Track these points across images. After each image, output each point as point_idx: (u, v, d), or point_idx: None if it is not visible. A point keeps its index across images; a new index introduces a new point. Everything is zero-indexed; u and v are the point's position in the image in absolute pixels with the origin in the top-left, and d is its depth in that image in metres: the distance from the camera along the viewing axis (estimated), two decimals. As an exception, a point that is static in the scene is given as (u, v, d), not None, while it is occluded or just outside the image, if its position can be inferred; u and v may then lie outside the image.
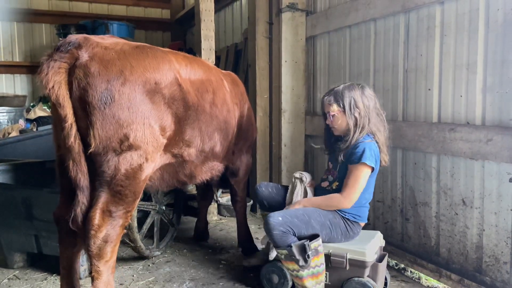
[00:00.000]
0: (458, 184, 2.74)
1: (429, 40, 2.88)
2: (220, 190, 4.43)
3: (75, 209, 2.06)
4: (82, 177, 2.05)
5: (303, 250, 2.42)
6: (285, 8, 4.18)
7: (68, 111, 2.00)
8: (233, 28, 6.54)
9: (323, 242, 2.52)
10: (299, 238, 2.48)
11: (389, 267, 3.20)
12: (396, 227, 3.26)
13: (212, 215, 4.37)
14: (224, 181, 3.36)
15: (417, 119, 3.01)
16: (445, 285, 2.88)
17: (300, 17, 4.25)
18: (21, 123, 6.10)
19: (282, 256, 2.49)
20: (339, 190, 2.60)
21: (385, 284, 2.76)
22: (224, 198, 4.50)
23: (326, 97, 2.65)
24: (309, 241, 2.43)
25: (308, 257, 2.41)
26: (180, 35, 8.48)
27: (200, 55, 4.28)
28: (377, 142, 2.58)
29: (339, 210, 2.60)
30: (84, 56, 2.03)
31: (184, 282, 2.94)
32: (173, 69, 2.33)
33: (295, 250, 2.42)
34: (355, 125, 2.55)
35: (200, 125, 2.56)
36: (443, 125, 2.77)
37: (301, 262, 2.42)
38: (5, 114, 6.00)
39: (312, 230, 2.50)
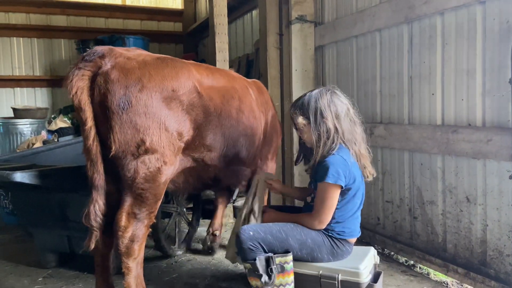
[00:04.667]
0: (462, 182, 2.90)
1: (431, 48, 3.07)
2: (236, 193, 4.62)
3: (89, 207, 2.17)
4: (97, 177, 2.17)
5: (267, 264, 2.21)
6: (294, 20, 4.41)
7: (88, 115, 2.14)
8: (244, 40, 6.80)
9: (305, 261, 2.34)
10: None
11: (399, 263, 3.37)
12: (405, 225, 3.42)
13: (228, 217, 4.57)
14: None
15: (422, 122, 3.19)
16: (452, 279, 3.04)
17: (309, 28, 4.47)
18: (44, 134, 6.38)
19: (246, 271, 2.28)
20: None
21: None
22: (239, 202, 4.69)
23: (291, 109, 2.41)
24: (275, 255, 2.23)
25: (271, 271, 2.19)
26: (192, 47, 8.77)
27: (214, 66, 4.51)
28: (355, 155, 2.32)
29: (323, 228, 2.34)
30: (107, 65, 2.17)
31: (206, 278, 3.14)
32: (192, 78, 2.43)
33: (259, 264, 2.19)
34: (319, 138, 2.28)
35: (223, 130, 2.62)
36: (446, 127, 2.95)
37: (264, 278, 2.20)
38: (28, 126, 6.29)
39: (289, 249, 2.28)
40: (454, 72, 2.92)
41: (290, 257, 2.26)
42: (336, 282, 2.25)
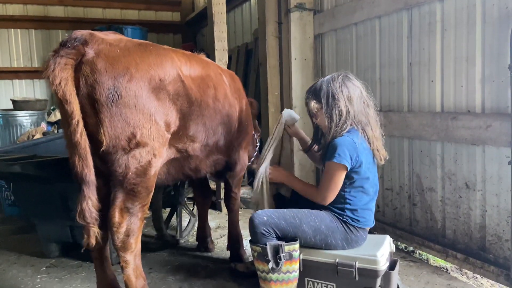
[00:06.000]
0: (461, 169, 2.92)
1: (431, 35, 3.07)
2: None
3: (81, 204, 2.06)
4: (88, 172, 2.05)
5: (276, 251, 2.26)
6: (293, 8, 4.38)
7: (74, 107, 1.99)
8: (243, 29, 6.77)
9: (319, 248, 2.37)
10: (286, 241, 2.31)
11: (398, 249, 3.40)
12: (404, 212, 3.45)
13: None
14: (219, 174, 3.24)
15: (422, 109, 3.20)
16: (451, 264, 3.07)
17: (308, 16, 4.44)
18: (43, 125, 6.39)
19: (255, 254, 2.32)
20: None
21: None
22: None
23: (305, 95, 2.47)
24: (284, 243, 2.27)
25: (280, 259, 2.24)
26: (191, 36, 8.73)
27: (213, 55, 4.50)
28: (367, 137, 2.36)
29: (337, 214, 2.37)
30: (90, 52, 2.04)
31: (207, 266, 3.18)
32: (176, 66, 2.35)
33: (269, 250, 2.25)
34: (330, 120, 2.33)
35: (204, 120, 2.58)
36: (446, 114, 2.96)
37: (272, 264, 2.26)
38: (28, 117, 6.29)
39: (303, 235, 2.31)
40: (453, 58, 2.92)
41: (297, 244, 2.30)
42: (353, 270, 2.25)
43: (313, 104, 2.38)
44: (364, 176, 2.35)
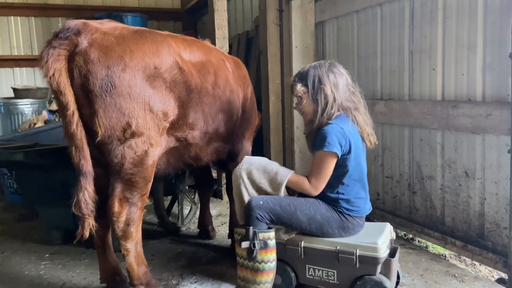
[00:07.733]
0: (461, 157, 2.93)
1: (432, 22, 3.05)
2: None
3: (77, 194, 2.07)
4: (85, 163, 2.07)
5: (253, 237, 2.25)
6: (294, -5, 4.35)
7: (69, 98, 2.00)
8: (243, 17, 6.72)
9: (315, 236, 2.38)
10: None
11: (398, 237, 3.43)
12: (404, 200, 3.47)
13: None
14: (221, 163, 3.20)
15: (422, 97, 3.20)
16: (450, 252, 3.10)
17: (309, 3, 4.41)
18: (45, 114, 6.39)
19: (239, 237, 2.33)
20: None
21: (397, 281, 2.56)
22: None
23: (292, 79, 2.47)
24: (259, 230, 2.28)
25: (254, 246, 2.24)
26: (191, 24, 8.66)
27: (213, 44, 4.48)
28: (357, 122, 2.37)
29: (332, 204, 2.38)
30: (83, 42, 2.02)
31: (209, 252, 3.22)
32: (173, 53, 2.31)
33: (250, 234, 2.25)
34: (316, 105, 2.35)
35: (203, 107, 2.53)
36: (447, 102, 2.96)
37: (250, 246, 2.26)
38: (29, 106, 6.28)
39: (297, 223, 2.34)
40: (454, 46, 2.91)
41: (272, 233, 2.32)
42: (354, 257, 2.27)
43: (299, 87, 2.39)
44: (354, 164, 2.36)
